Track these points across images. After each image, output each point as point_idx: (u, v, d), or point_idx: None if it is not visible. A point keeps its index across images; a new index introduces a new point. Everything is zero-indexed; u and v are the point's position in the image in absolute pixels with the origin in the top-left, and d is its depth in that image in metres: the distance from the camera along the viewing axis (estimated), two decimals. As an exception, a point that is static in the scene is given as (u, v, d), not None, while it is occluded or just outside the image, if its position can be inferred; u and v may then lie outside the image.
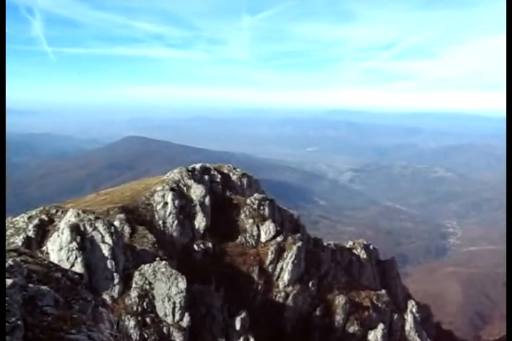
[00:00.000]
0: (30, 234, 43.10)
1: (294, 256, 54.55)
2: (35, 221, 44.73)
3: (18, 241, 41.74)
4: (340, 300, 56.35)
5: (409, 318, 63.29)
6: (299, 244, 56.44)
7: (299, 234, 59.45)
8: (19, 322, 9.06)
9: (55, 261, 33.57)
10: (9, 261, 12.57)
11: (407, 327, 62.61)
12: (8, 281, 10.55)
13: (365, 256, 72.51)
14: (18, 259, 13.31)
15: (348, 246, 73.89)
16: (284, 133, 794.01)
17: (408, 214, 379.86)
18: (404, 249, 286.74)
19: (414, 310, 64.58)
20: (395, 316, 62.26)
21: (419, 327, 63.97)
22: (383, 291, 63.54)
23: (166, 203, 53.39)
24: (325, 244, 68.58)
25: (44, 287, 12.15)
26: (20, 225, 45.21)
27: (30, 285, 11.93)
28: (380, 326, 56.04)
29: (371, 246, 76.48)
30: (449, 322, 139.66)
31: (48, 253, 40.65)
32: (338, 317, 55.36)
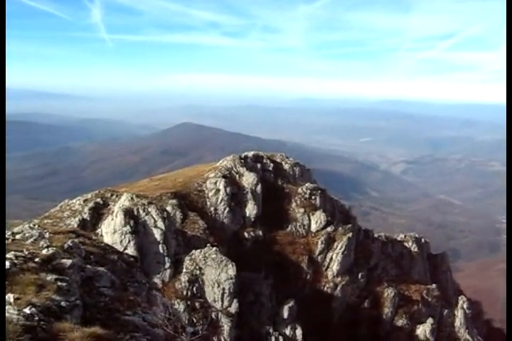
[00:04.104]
0: (86, 216, 44.14)
1: (343, 247, 54.20)
2: (91, 204, 45.76)
3: (74, 223, 42.80)
4: (389, 292, 55.81)
5: (459, 314, 62.12)
6: (350, 234, 56.02)
7: (349, 225, 58.94)
8: (78, 301, 9.26)
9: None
10: (68, 242, 12.88)
11: (457, 323, 61.50)
12: (68, 262, 10.81)
13: (416, 250, 71.33)
14: (76, 240, 13.60)
15: (399, 238, 72.84)
16: (337, 123, 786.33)
17: (462, 208, 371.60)
18: (457, 244, 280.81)
19: (465, 306, 63.34)
20: (445, 311, 61.25)
21: (470, 324, 62.78)
22: (433, 286, 62.53)
23: (217, 190, 53.74)
24: (375, 235, 67.85)
25: (101, 268, 12.41)
26: (76, 208, 46.34)
27: (88, 266, 12.19)
28: (429, 321, 55.27)
29: (423, 240, 75.19)
30: (500, 320, 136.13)
31: (101, 235, 41.57)
32: (387, 310, 54.86)
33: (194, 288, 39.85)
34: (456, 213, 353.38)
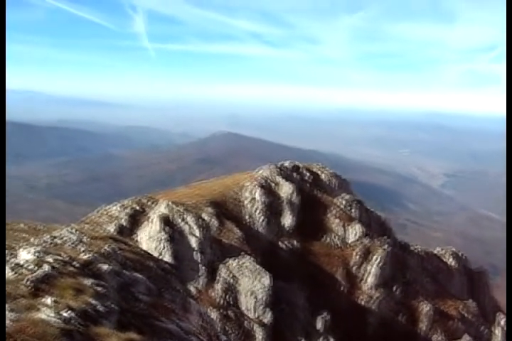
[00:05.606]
0: (123, 222, 44.66)
1: (380, 260, 53.61)
2: (128, 210, 46.30)
3: (112, 228, 43.33)
4: (425, 307, 54.87)
5: (497, 332, 60.60)
6: (386, 247, 55.42)
7: (386, 237, 58.33)
8: (114, 306, 9.37)
9: (146, 250, 34.59)
10: (106, 247, 13.05)
11: (495, 341, 60.10)
12: (105, 267, 10.96)
13: (453, 264, 70.02)
14: (114, 246, 13.77)
15: (436, 252, 71.64)
16: (375, 135, 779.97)
17: (502, 223, 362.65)
18: (496, 259, 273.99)
19: (503, 323, 61.85)
20: (482, 328, 59.91)
21: (509, 342, 61.23)
22: (471, 301, 61.27)
23: (254, 199, 53.80)
24: (412, 248, 66.90)
25: (138, 274, 12.53)
26: (114, 213, 46.93)
27: (125, 271, 12.32)
28: (466, 337, 54.06)
29: (461, 254, 73.78)
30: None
31: (138, 241, 41.96)
32: (422, 325, 53.91)
33: (228, 297, 39.89)
34: (496, 228, 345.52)
